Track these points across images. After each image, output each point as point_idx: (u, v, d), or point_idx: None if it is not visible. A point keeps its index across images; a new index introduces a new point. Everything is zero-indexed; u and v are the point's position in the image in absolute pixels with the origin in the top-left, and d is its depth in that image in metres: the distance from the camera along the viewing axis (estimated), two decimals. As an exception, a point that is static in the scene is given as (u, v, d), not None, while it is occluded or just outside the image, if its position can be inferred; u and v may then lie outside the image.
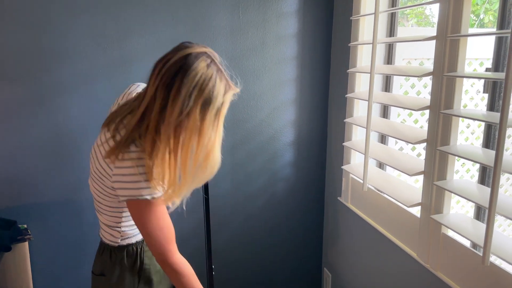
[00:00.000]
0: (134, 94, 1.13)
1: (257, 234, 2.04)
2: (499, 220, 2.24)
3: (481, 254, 1.08)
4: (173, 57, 0.95)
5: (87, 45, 1.68)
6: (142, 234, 1.04)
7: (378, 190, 1.55)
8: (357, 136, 1.74)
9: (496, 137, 1.18)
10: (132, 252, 1.14)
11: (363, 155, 1.50)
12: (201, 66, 0.95)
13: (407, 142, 1.28)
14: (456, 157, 1.19)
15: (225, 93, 0.98)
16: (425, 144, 1.26)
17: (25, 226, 1.71)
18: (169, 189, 1.00)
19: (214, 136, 1.00)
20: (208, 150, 1.00)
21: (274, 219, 2.03)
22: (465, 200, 1.19)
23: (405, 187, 1.42)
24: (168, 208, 1.06)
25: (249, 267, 2.06)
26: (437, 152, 1.21)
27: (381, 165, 1.72)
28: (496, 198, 0.95)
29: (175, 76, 0.94)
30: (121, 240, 1.13)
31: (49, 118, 1.70)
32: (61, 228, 1.79)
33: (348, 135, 1.76)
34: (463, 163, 1.51)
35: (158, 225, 1.03)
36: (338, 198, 1.89)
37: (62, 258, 1.82)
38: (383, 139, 1.73)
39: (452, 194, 1.21)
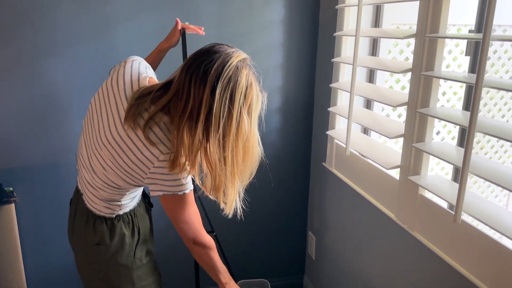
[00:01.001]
0: (147, 79, 1.09)
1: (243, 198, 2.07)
2: (482, 187, 2.28)
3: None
4: (215, 65, 0.95)
5: (69, 7, 1.64)
6: (174, 223, 1.10)
7: (361, 154, 1.57)
8: (342, 101, 1.74)
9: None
10: (128, 220, 1.17)
11: (347, 120, 1.51)
12: (244, 73, 0.98)
13: (389, 105, 1.29)
14: (436, 120, 1.20)
15: (259, 98, 1.04)
16: (406, 107, 1.27)
17: (11, 189, 1.73)
18: (220, 193, 1.04)
19: (255, 137, 1.04)
20: (252, 151, 1.04)
21: (260, 185, 2.06)
22: (446, 162, 1.21)
23: (386, 151, 1.43)
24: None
25: (235, 231, 2.10)
26: (416, 114, 1.22)
27: (366, 131, 1.73)
28: (470, 158, 0.97)
29: (226, 88, 0.95)
30: (118, 212, 1.15)
31: (33, 82, 1.68)
32: (47, 191, 1.81)
33: (333, 101, 1.76)
34: (445, 125, 1.53)
35: (193, 212, 1.09)
36: (323, 163, 1.91)
37: (49, 220, 1.84)
38: (368, 104, 1.73)
39: (430, 157, 1.23)
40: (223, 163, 1.00)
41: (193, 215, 1.10)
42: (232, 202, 1.06)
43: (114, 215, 1.14)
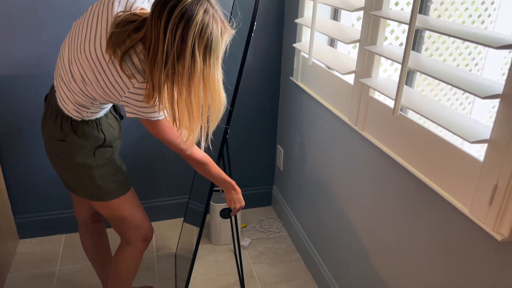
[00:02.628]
0: (138, 9, 1.12)
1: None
2: (448, 95, 2.30)
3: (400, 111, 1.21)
4: (172, 2, 0.96)
5: None
6: (162, 141, 1.19)
7: (322, 63, 1.64)
8: (309, 13, 1.77)
9: (422, 35, 1.25)
10: (92, 125, 1.24)
11: (310, 29, 1.56)
12: (200, 13, 0.96)
13: (346, 10, 1.33)
14: (387, 22, 1.26)
15: (221, 37, 1.03)
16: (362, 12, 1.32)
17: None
18: (181, 130, 1.10)
19: (218, 78, 1.06)
20: (213, 91, 1.06)
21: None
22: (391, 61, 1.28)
23: (344, 58, 1.50)
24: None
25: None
26: (371, 17, 1.27)
27: (332, 43, 1.79)
28: (409, 53, 1.04)
29: (178, 24, 0.96)
30: (84, 117, 1.21)
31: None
32: (22, 101, 1.85)
33: (301, 12, 1.79)
34: (392, 30, 1.60)
35: (172, 134, 1.17)
36: (290, 77, 1.97)
37: (26, 129, 1.91)
38: (335, 15, 1.76)
39: (380, 62, 1.31)
40: (182, 104, 1.05)
41: (174, 137, 1.18)
42: (191, 143, 1.15)
43: (80, 119, 1.21)
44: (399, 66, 1.09)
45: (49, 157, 1.29)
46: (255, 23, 1.32)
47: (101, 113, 1.26)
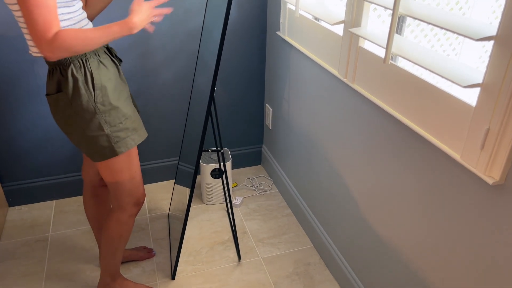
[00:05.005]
0: None
1: (201, 72, 2.10)
2: (441, 40, 2.25)
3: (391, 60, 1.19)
4: None
5: None
6: (24, 16, 1.04)
7: (309, 14, 1.59)
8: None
9: None
10: (79, 65, 1.19)
11: (296, -21, 1.50)
12: None
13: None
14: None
15: None
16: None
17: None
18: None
19: None
20: None
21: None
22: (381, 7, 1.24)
23: (332, 9, 1.46)
24: None
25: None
26: (359, -36, 1.22)
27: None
28: (400, -1, 1.01)
29: None
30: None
31: None
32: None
33: (285, -37, 1.72)
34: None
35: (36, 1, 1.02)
36: (277, 32, 1.92)
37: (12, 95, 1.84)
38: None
39: (370, 10, 1.27)
40: None
41: (36, 6, 1.02)
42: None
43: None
44: (387, 13, 1.06)
45: (58, 121, 1.26)
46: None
47: None
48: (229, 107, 2.24)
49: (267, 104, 2.25)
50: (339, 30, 1.44)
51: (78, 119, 1.22)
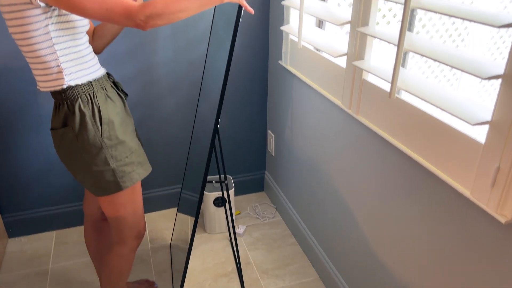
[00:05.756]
0: None
1: (203, 100, 2.10)
2: (439, 76, 2.28)
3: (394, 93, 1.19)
4: None
5: None
6: (91, 15, 1.05)
7: (312, 46, 1.60)
8: (296, -6, 1.71)
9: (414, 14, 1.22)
10: (87, 100, 1.18)
11: (299, 12, 1.51)
12: None
13: (336, -9, 1.29)
14: (380, 3, 1.22)
15: None
16: (353, -8, 1.28)
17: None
18: None
19: None
20: None
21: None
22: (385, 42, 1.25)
23: (335, 41, 1.46)
24: None
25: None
26: (361, 1, 1.23)
27: (320, 24, 1.74)
28: (404, 35, 1.02)
29: None
30: (67, 80, 1.15)
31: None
32: (2, 97, 1.78)
33: (287, -6, 1.74)
34: (391, 8, 1.57)
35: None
36: (279, 61, 1.93)
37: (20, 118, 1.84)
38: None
39: (374, 43, 1.28)
40: None
41: None
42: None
43: (65, 86, 1.15)
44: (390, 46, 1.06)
45: (62, 157, 1.24)
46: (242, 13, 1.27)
47: (82, 73, 1.19)
48: (232, 134, 2.23)
49: (269, 131, 2.25)
50: (342, 62, 1.45)
51: (84, 154, 1.21)
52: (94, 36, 1.35)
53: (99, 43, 1.36)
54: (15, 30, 1.08)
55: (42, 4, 1.04)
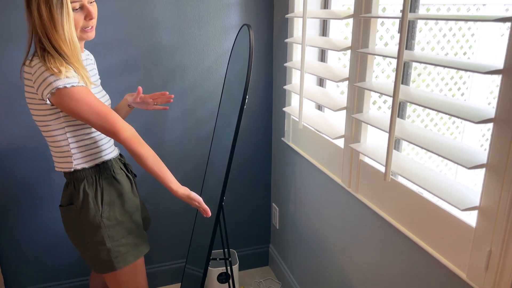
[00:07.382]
0: None
1: (209, 175, 2.18)
2: (436, 161, 2.42)
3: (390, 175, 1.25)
4: None
5: None
6: (90, 124, 1.19)
7: (312, 127, 1.70)
8: (296, 79, 1.86)
9: (408, 73, 1.34)
10: (92, 181, 1.27)
11: (299, 96, 1.63)
12: None
13: (333, 80, 1.41)
14: (371, 92, 1.33)
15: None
16: (348, 82, 1.40)
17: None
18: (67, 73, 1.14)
19: (68, 24, 1.13)
20: (68, 36, 1.14)
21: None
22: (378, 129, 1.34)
23: (333, 123, 1.57)
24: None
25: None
26: (355, 88, 1.35)
27: (320, 107, 1.86)
28: (395, 122, 1.10)
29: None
30: (75, 165, 1.24)
31: None
32: (13, 171, 1.86)
33: (289, 79, 1.88)
34: (385, 100, 1.69)
35: (91, 109, 1.16)
36: (282, 138, 2.03)
37: (28, 194, 1.90)
38: (321, 82, 1.86)
39: (369, 127, 1.37)
40: (52, 52, 1.14)
41: (94, 114, 1.16)
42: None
43: (73, 169, 1.25)
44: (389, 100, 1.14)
45: (68, 232, 1.32)
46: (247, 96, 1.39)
47: (89, 160, 1.28)
48: (236, 207, 2.28)
49: (273, 204, 2.29)
50: (340, 143, 1.53)
51: (84, 231, 1.27)
52: None
53: None
54: (35, 114, 1.21)
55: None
